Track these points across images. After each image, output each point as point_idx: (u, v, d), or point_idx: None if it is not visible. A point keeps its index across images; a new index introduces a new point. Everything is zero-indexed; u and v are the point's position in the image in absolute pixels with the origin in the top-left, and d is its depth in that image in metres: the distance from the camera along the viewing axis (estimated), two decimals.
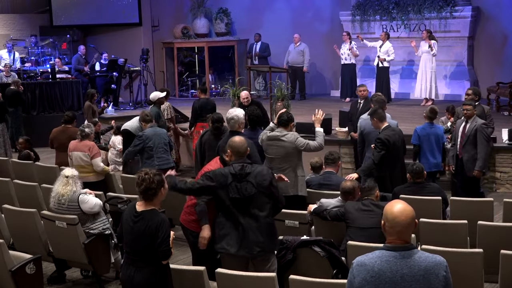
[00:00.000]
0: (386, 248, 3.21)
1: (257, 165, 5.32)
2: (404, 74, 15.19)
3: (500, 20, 14.32)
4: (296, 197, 6.89)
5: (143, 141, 8.41)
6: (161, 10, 17.29)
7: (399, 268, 3.15)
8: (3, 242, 5.52)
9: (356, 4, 15.38)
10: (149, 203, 4.56)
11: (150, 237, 4.46)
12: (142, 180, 4.52)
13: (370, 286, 3.16)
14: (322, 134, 7.15)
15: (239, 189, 5.08)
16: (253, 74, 15.69)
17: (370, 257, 3.22)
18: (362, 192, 5.98)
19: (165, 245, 4.48)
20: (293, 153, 6.95)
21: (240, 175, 5.09)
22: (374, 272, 3.16)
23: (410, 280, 3.13)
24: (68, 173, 6.41)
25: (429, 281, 3.13)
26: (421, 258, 3.17)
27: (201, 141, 7.99)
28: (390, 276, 3.14)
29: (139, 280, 4.52)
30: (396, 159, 7.62)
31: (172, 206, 7.31)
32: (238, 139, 5.34)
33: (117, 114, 14.21)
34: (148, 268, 4.53)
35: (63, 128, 9.42)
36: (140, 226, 4.50)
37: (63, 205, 6.32)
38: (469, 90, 9.33)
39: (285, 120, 7.02)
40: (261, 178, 5.10)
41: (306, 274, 4.72)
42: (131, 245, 4.59)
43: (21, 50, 16.17)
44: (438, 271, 3.16)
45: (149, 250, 4.49)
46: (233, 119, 7.19)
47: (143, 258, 4.53)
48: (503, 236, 5.72)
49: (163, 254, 4.50)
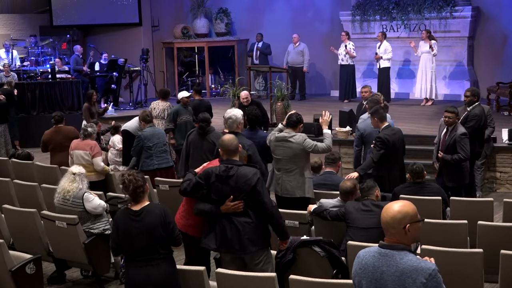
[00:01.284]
0: (379, 245, 3.31)
1: (245, 168, 5.13)
2: (404, 74, 15.19)
3: (500, 20, 14.33)
4: (303, 199, 6.89)
5: (141, 140, 8.46)
6: (161, 10, 17.30)
7: (380, 264, 3.23)
8: (3, 242, 5.52)
9: (356, 4, 15.38)
10: (142, 201, 4.66)
11: (162, 226, 4.57)
12: (129, 182, 4.61)
13: (358, 277, 3.33)
14: (330, 135, 7.14)
15: (219, 190, 5.08)
16: (253, 74, 15.69)
17: (365, 250, 3.36)
18: (362, 192, 5.98)
19: (177, 230, 4.68)
20: (300, 154, 6.92)
21: (221, 177, 5.08)
22: (362, 265, 3.31)
23: (387, 278, 3.19)
24: (76, 170, 6.49)
25: (404, 284, 3.15)
26: (403, 259, 3.19)
27: (187, 140, 8.07)
28: (372, 271, 3.25)
29: (160, 277, 4.56)
30: (395, 159, 7.61)
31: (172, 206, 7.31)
32: (228, 137, 5.33)
33: (117, 114, 14.21)
34: (165, 263, 4.61)
35: (56, 129, 9.38)
36: (148, 220, 4.57)
37: (67, 201, 6.36)
38: (467, 92, 8.87)
39: (294, 121, 6.99)
40: (243, 181, 5.03)
41: (306, 274, 4.72)
42: (139, 245, 4.59)
43: (21, 50, 16.17)
44: (416, 277, 3.13)
45: (162, 241, 4.58)
46: (231, 119, 7.20)
47: (155, 253, 4.57)
48: (503, 236, 5.72)
49: (177, 238, 4.66)
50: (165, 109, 10.83)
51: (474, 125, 8.52)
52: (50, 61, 15.67)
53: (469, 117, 8.57)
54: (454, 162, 7.77)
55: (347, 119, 10.81)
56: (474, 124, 8.52)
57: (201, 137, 7.96)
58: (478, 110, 8.65)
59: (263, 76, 16.05)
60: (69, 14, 16.85)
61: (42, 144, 9.52)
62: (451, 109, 7.90)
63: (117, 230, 4.69)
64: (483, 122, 8.71)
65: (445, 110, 8.02)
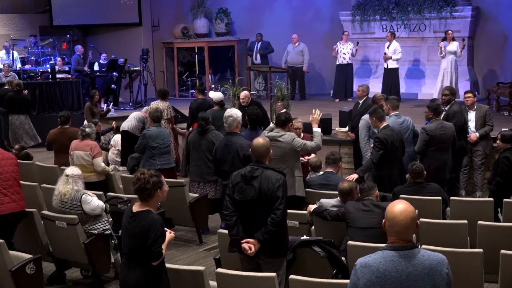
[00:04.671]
0: (389, 248, 3.22)
1: (271, 171, 5.08)
2: (409, 74, 15.17)
3: (500, 20, 14.32)
4: (294, 197, 6.87)
5: (146, 139, 8.44)
6: (161, 10, 17.30)
7: (404, 267, 3.17)
8: (3, 242, 5.52)
9: (356, 4, 15.37)
10: (145, 204, 4.55)
11: (143, 237, 4.43)
12: (137, 179, 4.52)
13: (376, 287, 3.17)
14: (319, 134, 7.16)
15: (242, 190, 5.06)
16: (253, 74, 15.69)
17: (374, 258, 3.22)
18: (362, 192, 5.98)
19: (156, 246, 4.45)
20: (290, 153, 6.93)
21: (246, 177, 5.06)
22: (380, 272, 3.17)
23: (416, 279, 3.16)
24: (69, 172, 6.43)
25: (433, 279, 3.18)
26: (425, 256, 3.21)
27: (187, 140, 8.10)
28: (396, 276, 3.16)
29: (132, 281, 4.52)
30: (395, 159, 7.62)
31: (172, 206, 7.32)
32: (261, 140, 5.26)
33: (117, 114, 14.19)
34: (141, 269, 4.51)
35: (61, 129, 9.33)
36: (134, 226, 4.50)
37: (65, 204, 6.35)
38: (447, 91, 9.24)
39: (282, 121, 7.01)
40: (266, 184, 5.00)
41: (306, 274, 4.72)
42: (127, 246, 4.60)
43: (21, 50, 16.16)
44: (442, 269, 3.21)
45: (141, 250, 4.46)
46: (231, 117, 7.23)
47: (136, 258, 4.52)
48: (503, 236, 5.72)
49: (154, 255, 4.46)
50: (164, 109, 10.82)
51: (457, 122, 8.68)
52: (50, 61, 15.67)
53: (449, 115, 8.73)
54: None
55: (347, 119, 10.80)
56: (457, 121, 8.70)
57: (200, 136, 7.98)
58: (456, 107, 8.93)
59: (263, 76, 16.05)
60: (69, 14, 16.84)
61: (47, 142, 9.53)
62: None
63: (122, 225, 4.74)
64: (463, 117, 8.94)
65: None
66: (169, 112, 10.97)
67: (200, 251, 7.60)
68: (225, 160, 7.27)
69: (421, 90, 14.97)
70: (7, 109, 12.75)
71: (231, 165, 7.12)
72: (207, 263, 6.65)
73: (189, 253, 7.51)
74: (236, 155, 7.17)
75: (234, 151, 7.22)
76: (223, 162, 7.30)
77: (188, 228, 8.10)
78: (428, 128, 8.08)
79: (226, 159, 7.26)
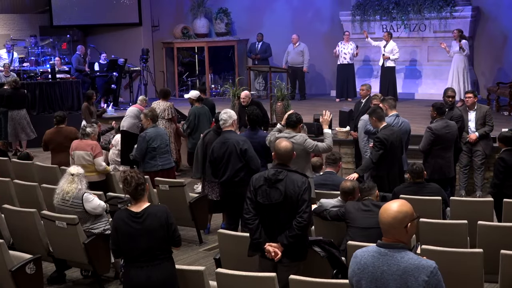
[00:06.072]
0: (378, 244, 3.32)
1: (295, 174, 5.03)
2: (407, 74, 15.17)
3: (500, 20, 14.32)
4: None
5: (146, 142, 8.39)
6: (161, 10, 17.29)
7: (381, 264, 3.24)
8: (3, 242, 5.53)
9: (356, 4, 15.37)
10: (142, 201, 4.65)
11: (163, 228, 4.59)
12: (131, 178, 4.61)
13: (356, 277, 3.32)
14: (330, 135, 7.15)
15: (267, 193, 5.01)
16: (253, 74, 15.69)
17: (363, 250, 3.36)
18: (362, 192, 5.99)
19: (178, 232, 4.71)
20: (301, 154, 6.84)
21: (270, 180, 5.01)
22: (361, 264, 3.31)
23: (389, 278, 3.20)
24: (74, 171, 6.46)
25: (406, 282, 3.16)
26: (404, 258, 3.20)
27: (203, 140, 8.00)
28: (372, 271, 3.25)
29: (161, 277, 4.57)
30: (394, 159, 7.62)
31: (172, 206, 7.31)
32: (284, 142, 5.21)
33: (117, 114, 14.19)
34: (165, 263, 4.63)
35: (57, 129, 9.36)
36: (150, 222, 4.57)
37: (67, 202, 6.35)
38: (452, 92, 9.10)
39: (293, 122, 6.96)
40: (292, 187, 4.95)
41: (306, 274, 4.72)
42: (141, 247, 4.58)
43: (21, 50, 16.15)
44: (418, 275, 3.15)
45: (163, 242, 4.61)
46: (226, 113, 7.18)
47: (158, 255, 4.59)
48: (503, 236, 5.72)
49: (178, 239, 4.70)
50: (165, 109, 10.83)
51: (461, 126, 8.79)
52: (50, 61, 15.67)
53: (453, 118, 8.66)
54: None
55: (347, 119, 10.81)
56: (461, 125, 8.79)
57: (218, 136, 7.84)
58: (459, 111, 9.01)
59: (263, 76, 16.05)
60: (69, 14, 16.83)
61: (43, 143, 9.53)
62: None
63: (117, 232, 4.66)
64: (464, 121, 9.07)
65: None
66: (171, 112, 10.97)
67: (200, 251, 7.60)
68: (222, 157, 7.15)
69: (418, 90, 14.98)
70: (6, 107, 12.78)
71: (227, 161, 6.95)
72: (207, 263, 6.65)
73: (189, 253, 7.51)
74: (234, 150, 7.00)
75: (231, 146, 7.05)
76: (220, 160, 7.18)
77: (188, 228, 8.10)
78: (433, 127, 8.11)
79: (223, 156, 7.09)
